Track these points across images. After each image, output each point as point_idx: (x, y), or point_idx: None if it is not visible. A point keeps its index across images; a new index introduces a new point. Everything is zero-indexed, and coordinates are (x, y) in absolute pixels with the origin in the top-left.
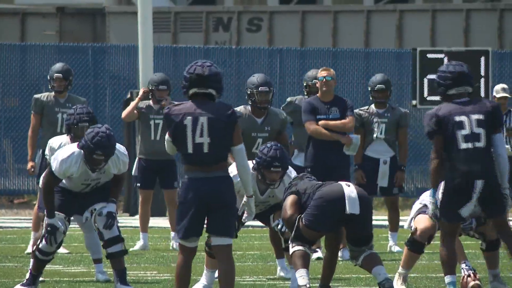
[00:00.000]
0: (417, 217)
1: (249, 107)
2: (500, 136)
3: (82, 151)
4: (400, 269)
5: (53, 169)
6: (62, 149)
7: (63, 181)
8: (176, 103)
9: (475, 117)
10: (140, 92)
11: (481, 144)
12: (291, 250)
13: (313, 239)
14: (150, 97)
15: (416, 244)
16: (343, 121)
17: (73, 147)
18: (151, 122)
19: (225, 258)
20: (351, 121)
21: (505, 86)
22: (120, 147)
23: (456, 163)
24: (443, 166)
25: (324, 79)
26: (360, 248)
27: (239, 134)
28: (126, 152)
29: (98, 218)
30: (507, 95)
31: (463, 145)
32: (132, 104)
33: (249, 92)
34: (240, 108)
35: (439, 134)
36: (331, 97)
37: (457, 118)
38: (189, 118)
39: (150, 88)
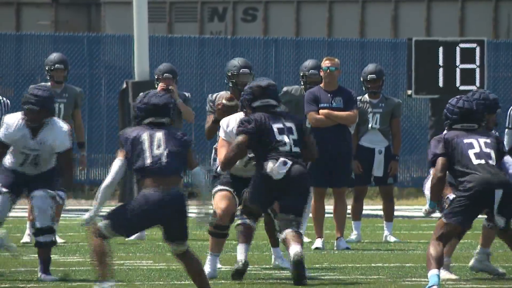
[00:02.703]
0: None
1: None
2: (509, 158)
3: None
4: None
5: (0, 135)
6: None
7: (8, 156)
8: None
9: (482, 139)
10: (158, 88)
11: (492, 162)
12: (235, 224)
13: (257, 212)
14: (156, 87)
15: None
16: (348, 113)
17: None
18: None
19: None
20: (355, 114)
21: None
22: (61, 122)
23: (473, 175)
24: (456, 182)
25: (328, 70)
26: (288, 216)
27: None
28: (67, 128)
29: (33, 204)
30: None
31: (476, 161)
32: None
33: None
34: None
35: (444, 156)
36: (335, 86)
37: (466, 140)
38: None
39: (156, 77)
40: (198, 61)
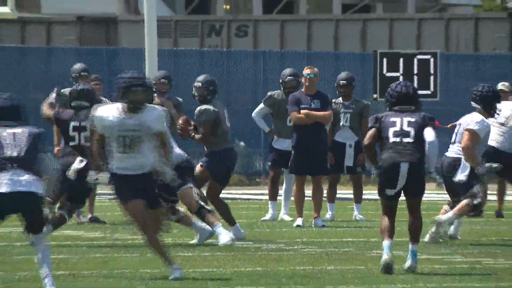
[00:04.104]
0: None
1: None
2: (429, 128)
3: None
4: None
5: None
6: None
7: None
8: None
9: (407, 118)
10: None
11: (409, 139)
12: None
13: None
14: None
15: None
16: (324, 113)
17: None
18: None
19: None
20: (331, 114)
21: (505, 83)
22: None
23: (386, 152)
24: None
25: (308, 77)
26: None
27: None
28: None
29: None
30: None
31: (392, 139)
32: None
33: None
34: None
35: (374, 128)
36: (313, 91)
37: (392, 119)
38: None
39: (153, 82)
40: (198, 70)
